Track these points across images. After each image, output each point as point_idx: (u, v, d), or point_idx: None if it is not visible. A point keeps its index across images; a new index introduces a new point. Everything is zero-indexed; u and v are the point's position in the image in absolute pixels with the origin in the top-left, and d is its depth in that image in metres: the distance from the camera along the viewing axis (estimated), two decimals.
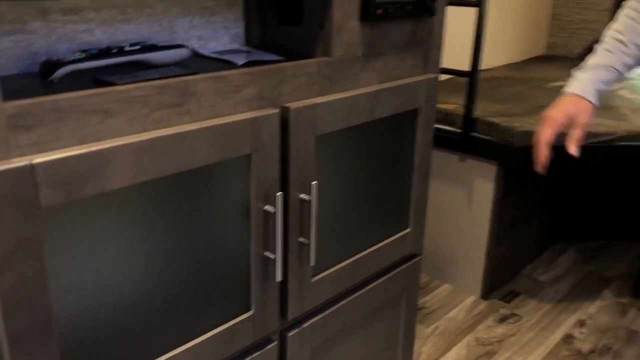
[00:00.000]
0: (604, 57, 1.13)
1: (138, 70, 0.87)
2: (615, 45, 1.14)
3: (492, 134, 2.18)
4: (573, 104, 1.12)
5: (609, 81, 1.13)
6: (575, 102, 1.12)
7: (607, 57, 1.13)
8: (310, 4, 1.03)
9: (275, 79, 0.94)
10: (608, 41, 1.15)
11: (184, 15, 1.03)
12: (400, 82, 1.17)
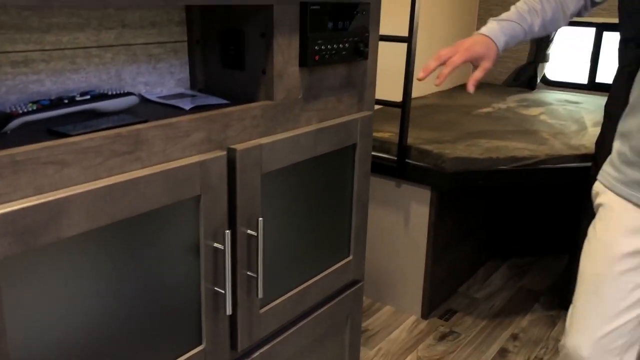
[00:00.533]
0: (517, 16, 1.27)
1: (89, 119, 0.91)
2: (529, 9, 1.27)
3: (425, 161, 2.30)
4: (484, 45, 1.24)
5: (515, 36, 1.27)
6: (486, 43, 1.24)
7: (519, 16, 1.27)
8: (252, 51, 1.10)
9: (221, 123, 1.00)
10: (522, 5, 1.29)
11: (130, 63, 1.08)
12: (338, 120, 1.25)
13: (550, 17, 1.27)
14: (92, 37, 1.00)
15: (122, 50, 1.06)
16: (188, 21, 1.16)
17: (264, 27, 1.06)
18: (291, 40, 1.10)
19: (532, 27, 1.26)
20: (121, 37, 1.05)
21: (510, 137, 2.56)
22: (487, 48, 1.21)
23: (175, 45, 1.15)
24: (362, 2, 1.23)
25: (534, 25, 1.26)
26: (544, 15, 1.26)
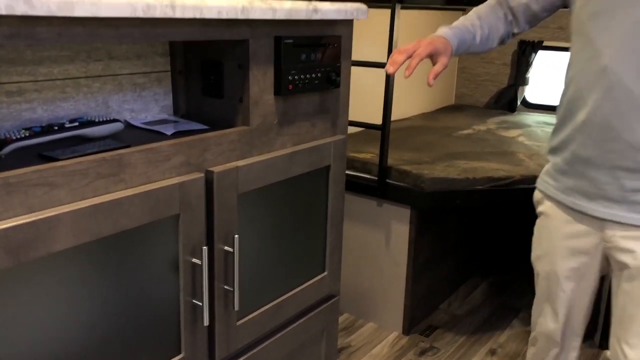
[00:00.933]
0: (463, 26, 1.40)
1: (78, 144, 0.99)
2: (471, 24, 1.41)
3: (404, 181, 2.39)
4: (442, 43, 1.34)
5: (464, 42, 1.39)
6: (443, 42, 1.34)
7: (465, 27, 1.40)
8: (230, 81, 1.19)
9: (200, 147, 1.08)
10: (465, 20, 1.43)
11: (117, 91, 1.17)
12: (312, 144, 1.34)
13: (487, 34, 1.42)
14: (81, 68, 1.09)
15: (109, 80, 1.15)
16: (171, 53, 1.25)
17: (241, 60, 1.16)
18: (266, 71, 1.19)
19: (475, 38, 1.40)
20: (108, 68, 1.14)
21: (487, 158, 2.66)
22: (445, 45, 1.33)
23: (159, 75, 1.24)
24: (334, 35, 1.33)
25: (476, 38, 1.40)
26: (482, 32, 1.41)
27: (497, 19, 1.42)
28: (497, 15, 1.43)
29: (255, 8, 1.09)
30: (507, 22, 1.44)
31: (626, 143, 1.20)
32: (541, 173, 1.45)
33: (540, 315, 1.49)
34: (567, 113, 1.31)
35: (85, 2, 0.82)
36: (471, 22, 1.40)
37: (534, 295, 1.53)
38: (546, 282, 1.45)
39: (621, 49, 1.17)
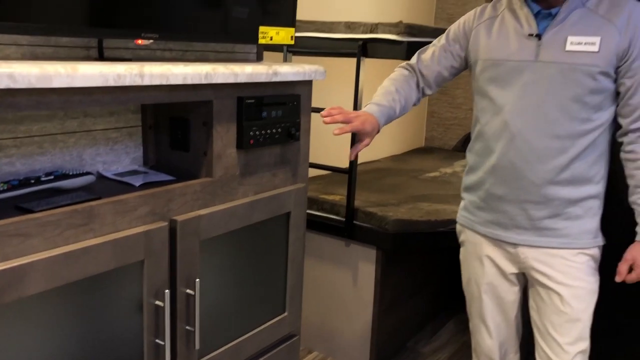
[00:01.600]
0: (387, 102, 1.58)
1: (52, 195, 1.09)
2: (392, 98, 1.59)
3: (370, 222, 2.51)
4: (371, 125, 1.50)
5: (389, 118, 1.57)
6: (373, 124, 1.51)
7: (389, 103, 1.58)
8: (195, 137, 1.31)
9: (165, 198, 1.19)
10: (387, 94, 1.60)
11: (91, 146, 1.27)
12: (273, 192, 1.45)
13: (404, 105, 1.62)
14: (58, 125, 1.20)
15: (83, 136, 1.25)
16: (142, 110, 1.37)
17: (206, 118, 1.27)
18: (229, 127, 1.31)
19: (396, 112, 1.59)
20: (83, 125, 1.25)
21: (450, 201, 2.79)
22: (372, 128, 1.50)
23: (130, 130, 1.35)
24: (294, 94, 1.45)
25: (397, 111, 1.59)
26: (401, 104, 1.60)
27: (411, 89, 1.64)
28: (410, 85, 1.64)
29: (218, 74, 1.21)
30: (419, 89, 1.66)
31: (530, 181, 1.46)
32: (459, 209, 1.69)
33: (477, 334, 1.70)
34: (478, 159, 1.57)
35: (62, 74, 0.93)
36: (392, 97, 1.59)
37: None
38: (477, 303, 1.65)
39: (516, 107, 1.45)
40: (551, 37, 1.42)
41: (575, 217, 1.46)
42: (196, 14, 1.27)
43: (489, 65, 1.50)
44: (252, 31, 1.40)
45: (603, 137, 1.44)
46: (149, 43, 1.28)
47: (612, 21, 1.38)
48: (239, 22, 1.37)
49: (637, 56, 1.37)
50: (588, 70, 1.38)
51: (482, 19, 1.55)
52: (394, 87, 1.61)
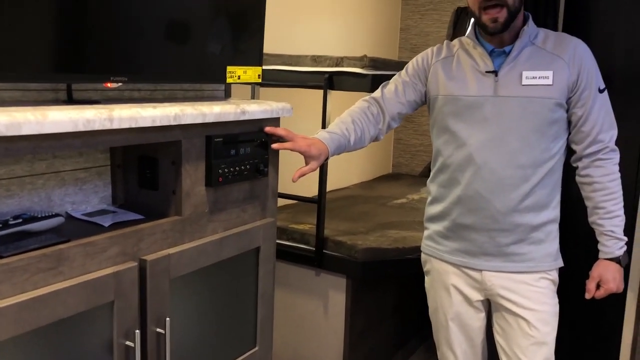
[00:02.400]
0: (341, 132, 1.59)
1: (21, 238, 1.09)
2: (346, 127, 1.60)
3: (340, 251, 2.53)
4: (319, 150, 1.51)
5: (340, 147, 1.58)
6: (321, 149, 1.52)
7: (342, 133, 1.59)
8: (164, 175, 1.32)
9: (135, 238, 1.20)
10: (342, 124, 1.62)
11: (60, 186, 1.28)
12: (242, 228, 1.47)
13: (360, 136, 1.64)
14: (27, 167, 1.20)
15: (52, 177, 1.26)
16: (111, 149, 1.38)
17: (174, 157, 1.29)
18: (198, 166, 1.33)
19: (349, 141, 1.61)
20: (52, 166, 1.25)
21: (417, 228, 2.84)
22: (319, 152, 1.52)
23: (99, 169, 1.36)
24: (262, 131, 1.49)
25: (350, 141, 1.61)
26: (356, 135, 1.62)
27: (369, 121, 1.66)
28: (368, 118, 1.66)
29: (186, 114, 1.23)
30: (383, 122, 1.67)
31: (496, 210, 1.52)
32: (423, 239, 1.73)
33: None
34: (443, 190, 1.62)
35: (31, 121, 0.95)
36: (346, 127, 1.61)
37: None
38: (444, 331, 1.69)
39: (479, 140, 1.51)
40: (507, 73, 1.50)
41: (539, 241, 1.53)
42: (164, 56, 1.30)
43: (449, 100, 1.57)
44: (220, 71, 1.43)
45: (559, 164, 1.54)
46: (118, 86, 1.30)
47: (560, 56, 1.48)
48: (207, 62, 1.40)
49: (585, 87, 1.47)
50: (545, 102, 1.46)
51: (440, 57, 1.63)
52: (350, 118, 1.64)
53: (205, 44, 1.38)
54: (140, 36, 1.24)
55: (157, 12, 1.26)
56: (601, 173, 1.49)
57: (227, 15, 1.42)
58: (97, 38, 1.16)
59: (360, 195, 3.56)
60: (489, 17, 1.46)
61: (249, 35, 1.50)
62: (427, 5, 4.10)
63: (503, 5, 1.44)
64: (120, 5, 1.18)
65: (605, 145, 1.48)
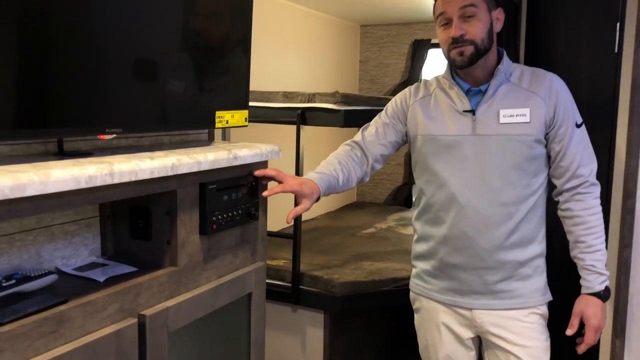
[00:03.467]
0: (330, 172, 1.59)
1: (16, 301, 1.04)
2: (334, 169, 1.60)
3: (317, 286, 2.52)
4: (311, 189, 1.50)
5: (330, 187, 1.57)
6: (312, 188, 1.51)
7: (331, 173, 1.59)
8: (157, 225, 1.29)
9: (133, 293, 1.16)
10: (330, 166, 1.61)
11: (49, 241, 1.23)
12: (235, 274, 1.45)
13: (347, 177, 1.64)
14: (17, 224, 1.15)
15: (42, 232, 1.21)
16: None
17: (169, 206, 1.27)
18: (192, 214, 1.31)
19: (338, 182, 1.61)
20: (42, 221, 1.21)
21: (390, 258, 2.86)
22: (312, 191, 1.51)
23: (88, 221, 1.32)
24: (252, 175, 1.48)
25: (339, 181, 1.61)
26: (343, 175, 1.62)
27: (355, 163, 1.66)
28: (354, 160, 1.66)
29: (183, 164, 1.21)
30: (367, 164, 1.68)
31: (482, 248, 1.53)
32: (411, 277, 1.73)
33: None
34: (428, 229, 1.62)
35: (35, 182, 0.91)
36: (334, 168, 1.61)
37: None
38: None
39: (461, 179, 1.53)
40: (484, 111, 1.52)
41: (526, 277, 1.55)
42: (157, 104, 1.28)
43: (429, 140, 1.58)
44: (210, 116, 1.42)
45: (541, 199, 1.56)
46: (111, 137, 1.27)
47: (536, 93, 1.51)
48: (198, 109, 1.39)
49: (562, 122, 1.50)
50: (523, 139, 1.49)
51: (417, 97, 1.65)
52: (336, 160, 1.64)
53: (196, 92, 1.37)
54: (134, 86, 1.22)
55: (149, 62, 1.25)
56: (581, 207, 1.52)
57: (216, 63, 1.42)
58: (91, 90, 1.13)
59: (329, 226, 3.56)
60: (456, 51, 1.49)
61: (236, 80, 1.50)
62: (384, 38, 4.20)
63: (470, 44, 1.48)
64: (113, 58, 1.16)
65: (585, 180, 1.52)
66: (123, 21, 1.18)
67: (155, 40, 1.26)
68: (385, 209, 4.09)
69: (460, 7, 1.45)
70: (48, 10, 1.04)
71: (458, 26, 1.45)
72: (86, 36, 1.11)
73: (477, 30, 1.46)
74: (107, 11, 1.14)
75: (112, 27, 1.15)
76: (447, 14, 1.48)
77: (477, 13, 1.46)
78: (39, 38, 1.03)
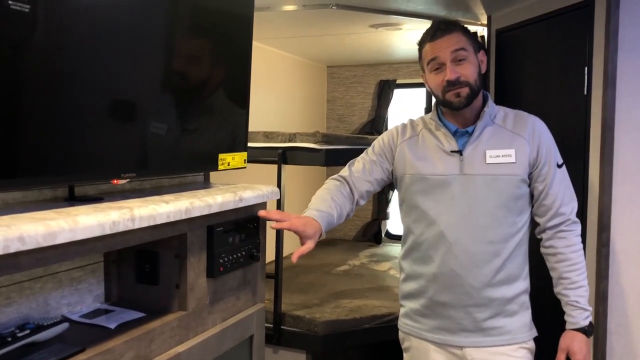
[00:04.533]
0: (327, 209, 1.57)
1: (31, 352, 1.01)
2: (329, 205, 1.59)
3: (299, 326, 2.51)
4: (314, 228, 1.48)
5: (329, 223, 1.56)
6: (315, 227, 1.49)
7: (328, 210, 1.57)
8: (165, 269, 1.28)
9: (147, 339, 1.14)
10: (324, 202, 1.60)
11: (56, 289, 1.20)
12: (238, 317, 1.44)
13: (340, 212, 1.64)
14: (26, 272, 1.12)
15: (49, 279, 1.18)
16: None
17: (178, 250, 1.26)
18: (200, 257, 1.30)
19: (334, 218, 1.60)
20: (49, 268, 1.18)
21: (368, 295, 2.88)
22: (315, 231, 1.50)
23: (93, 266, 1.30)
24: (253, 216, 1.49)
25: (334, 217, 1.60)
26: (337, 211, 1.62)
27: (345, 198, 1.67)
28: (344, 195, 1.67)
29: (195, 207, 1.22)
30: (353, 200, 1.69)
31: (470, 286, 1.54)
32: (400, 316, 1.71)
33: None
34: (417, 268, 1.62)
35: (65, 229, 0.90)
36: (329, 204, 1.61)
37: None
38: None
39: (449, 217, 1.55)
40: (471, 152, 1.58)
41: (513, 313, 1.58)
42: (166, 150, 1.29)
43: (417, 179, 1.62)
44: (213, 159, 1.43)
45: (525, 236, 1.62)
46: (125, 182, 1.26)
47: (520, 134, 1.58)
48: (203, 152, 1.40)
49: (544, 163, 1.57)
50: (510, 179, 1.55)
51: (405, 137, 1.69)
52: (329, 196, 1.65)
53: (200, 136, 1.39)
54: (145, 132, 1.22)
55: (160, 110, 1.26)
56: (564, 244, 1.57)
57: (219, 107, 1.44)
58: (105, 136, 1.14)
59: (302, 264, 3.56)
60: (453, 93, 1.54)
61: (236, 123, 1.52)
62: (351, 78, 4.31)
63: (466, 85, 1.54)
64: (128, 109, 1.17)
65: (567, 218, 1.57)
66: (132, 72, 1.19)
67: (163, 89, 1.28)
68: (356, 246, 4.12)
69: (452, 51, 1.52)
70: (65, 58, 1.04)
71: (452, 70, 1.51)
72: (96, 84, 1.12)
73: (469, 72, 1.53)
74: (119, 63, 1.15)
75: (119, 77, 1.16)
76: (439, 59, 1.54)
77: (468, 56, 1.53)
78: (49, 92, 1.03)
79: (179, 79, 1.33)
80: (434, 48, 1.54)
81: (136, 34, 1.18)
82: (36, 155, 1.01)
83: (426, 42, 1.56)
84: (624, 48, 1.99)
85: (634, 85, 1.99)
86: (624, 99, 2.00)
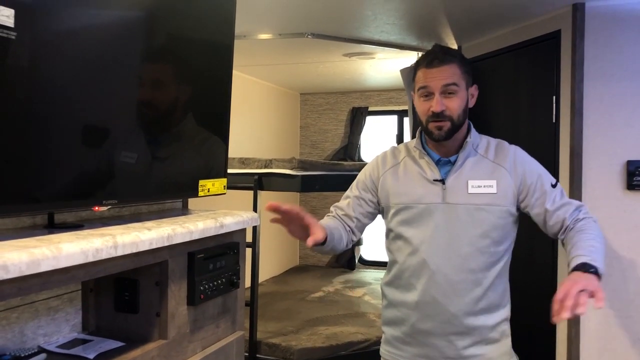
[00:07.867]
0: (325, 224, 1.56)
1: None
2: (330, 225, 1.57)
3: (275, 354, 2.49)
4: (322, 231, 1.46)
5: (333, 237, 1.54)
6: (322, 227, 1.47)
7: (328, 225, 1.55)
8: (145, 297, 1.26)
9: None
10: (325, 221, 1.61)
11: (33, 318, 1.17)
12: (218, 345, 1.42)
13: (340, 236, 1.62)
14: (2, 302, 1.10)
15: (26, 309, 1.15)
16: None
17: (159, 277, 1.25)
18: (181, 285, 1.29)
19: (334, 237, 1.59)
20: (27, 297, 1.15)
21: (343, 322, 2.87)
22: (322, 227, 1.48)
23: (70, 295, 1.27)
24: (233, 242, 1.48)
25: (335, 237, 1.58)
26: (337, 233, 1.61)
27: (342, 228, 1.67)
28: (342, 225, 1.67)
29: (177, 234, 1.21)
30: (347, 232, 1.68)
31: (452, 314, 1.54)
32: (382, 343, 1.70)
33: None
34: (399, 295, 1.62)
35: (49, 257, 0.89)
36: (330, 225, 1.61)
37: None
38: None
39: (432, 246, 1.55)
40: (453, 181, 1.59)
41: (494, 341, 1.59)
42: (147, 177, 1.28)
43: (401, 208, 1.63)
44: (194, 186, 1.43)
45: (507, 264, 1.62)
46: (106, 209, 1.25)
47: (502, 165, 1.59)
48: (184, 179, 1.40)
49: (534, 190, 1.56)
50: (491, 209, 1.56)
51: (386, 167, 1.69)
52: (330, 221, 1.65)
53: (182, 162, 1.38)
54: (126, 160, 1.22)
55: (140, 139, 1.26)
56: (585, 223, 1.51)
57: (200, 134, 1.44)
58: (87, 163, 1.13)
59: (276, 291, 3.54)
60: (435, 125, 1.57)
61: (217, 150, 1.53)
62: (324, 105, 4.36)
63: (449, 120, 1.57)
64: (111, 132, 1.17)
65: (584, 216, 1.54)
66: (111, 101, 1.19)
67: (141, 117, 1.28)
68: (329, 272, 4.11)
69: (444, 84, 1.54)
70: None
71: (439, 102, 1.53)
72: (73, 112, 1.11)
73: (455, 106, 1.54)
74: (98, 92, 1.15)
75: (98, 106, 1.16)
76: (429, 89, 1.55)
77: (458, 91, 1.55)
78: (27, 120, 1.03)
79: (156, 108, 1.33)
80: (427, 76, 1.55)
81: (115, 64, 1.19)
82: (15, 182, 1.00)
83: (421, 67, 1.57)
84: (590, 77, 2.07)
85: (600, 113, 2.06)
86: (591, 126, 2.07)
